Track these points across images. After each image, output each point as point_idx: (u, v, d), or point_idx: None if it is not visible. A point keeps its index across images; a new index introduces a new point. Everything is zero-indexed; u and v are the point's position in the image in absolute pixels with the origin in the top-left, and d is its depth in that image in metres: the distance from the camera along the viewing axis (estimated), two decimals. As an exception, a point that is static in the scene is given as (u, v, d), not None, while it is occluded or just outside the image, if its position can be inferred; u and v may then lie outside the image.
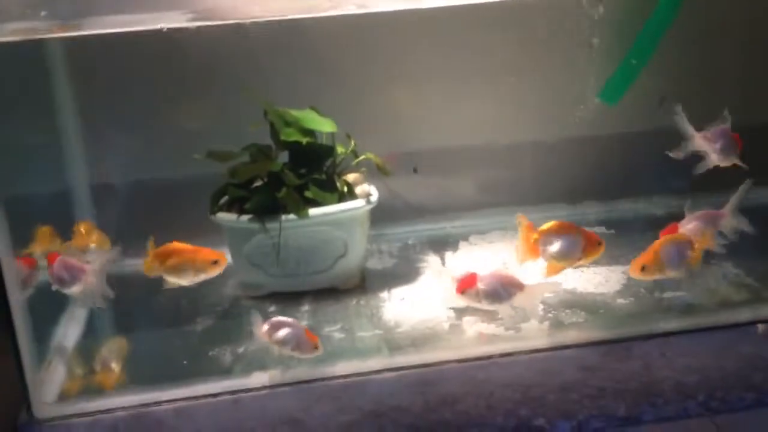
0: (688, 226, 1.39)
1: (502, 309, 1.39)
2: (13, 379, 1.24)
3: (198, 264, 1.35)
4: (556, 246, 1.37)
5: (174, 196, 1.65)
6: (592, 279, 1.56)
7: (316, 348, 1.30)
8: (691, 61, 1.75)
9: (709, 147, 1.37)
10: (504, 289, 1.35)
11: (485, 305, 1.37)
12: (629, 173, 1.79)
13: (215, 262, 1.36)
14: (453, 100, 1.75)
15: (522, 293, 1.36)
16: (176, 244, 1.36)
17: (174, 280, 1.36)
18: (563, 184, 1.78)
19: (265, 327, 1.31)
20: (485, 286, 1.36)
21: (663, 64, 1.67)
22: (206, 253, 1.36)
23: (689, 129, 1.38)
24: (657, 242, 1.35)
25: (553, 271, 1.39)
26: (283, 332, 1.30)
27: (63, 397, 1.30)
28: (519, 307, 1.39)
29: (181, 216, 1.62)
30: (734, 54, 1.78)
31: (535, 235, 1.38)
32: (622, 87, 1.74)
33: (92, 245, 1.46)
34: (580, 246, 1.37)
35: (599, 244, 1.39)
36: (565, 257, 1.38)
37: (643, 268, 1.34)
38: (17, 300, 1.23)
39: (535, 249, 1.38)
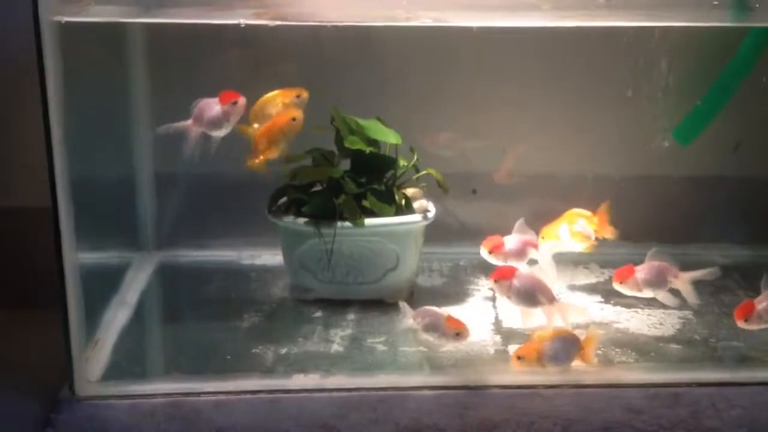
0: (763, 304, 1.36)
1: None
2: (58, 354, 1.26)
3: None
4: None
5: (233, 191, 1.67)
6: (646, 320, 1.53)
7: (458, 335, 1.33)
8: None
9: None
10: (538, 293, 1.34)
11: (512, 300, 1.36)
12: (694, 217, 1.75)
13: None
14: (519, 125, 1.73)
15: (551, 306, 1.35)
16: None
17: None
18: (624, 222, 1.75)
19: (413, 315, 1.38)
20: (519, 283, 1.35)
21: (741, 109, 1.62)
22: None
23: None
24: (547, 334, 1.33)
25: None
26: (427, 319, 1.36)
27: (106, 377, 1.31)
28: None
29: (238, 212, 1.63)
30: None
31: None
32: (696, 129, 1.70)
33: None
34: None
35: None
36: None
37: (518, 358, 1.32)
38: (72, 276, 1.25)
39: None
